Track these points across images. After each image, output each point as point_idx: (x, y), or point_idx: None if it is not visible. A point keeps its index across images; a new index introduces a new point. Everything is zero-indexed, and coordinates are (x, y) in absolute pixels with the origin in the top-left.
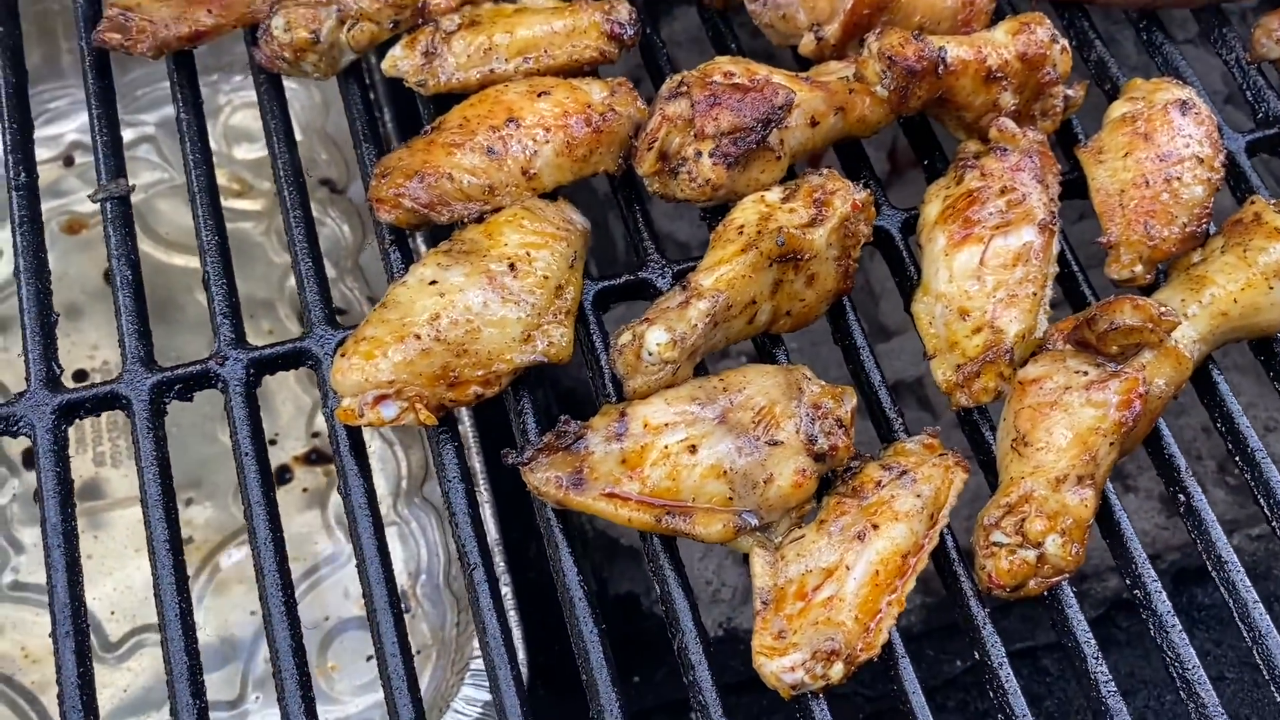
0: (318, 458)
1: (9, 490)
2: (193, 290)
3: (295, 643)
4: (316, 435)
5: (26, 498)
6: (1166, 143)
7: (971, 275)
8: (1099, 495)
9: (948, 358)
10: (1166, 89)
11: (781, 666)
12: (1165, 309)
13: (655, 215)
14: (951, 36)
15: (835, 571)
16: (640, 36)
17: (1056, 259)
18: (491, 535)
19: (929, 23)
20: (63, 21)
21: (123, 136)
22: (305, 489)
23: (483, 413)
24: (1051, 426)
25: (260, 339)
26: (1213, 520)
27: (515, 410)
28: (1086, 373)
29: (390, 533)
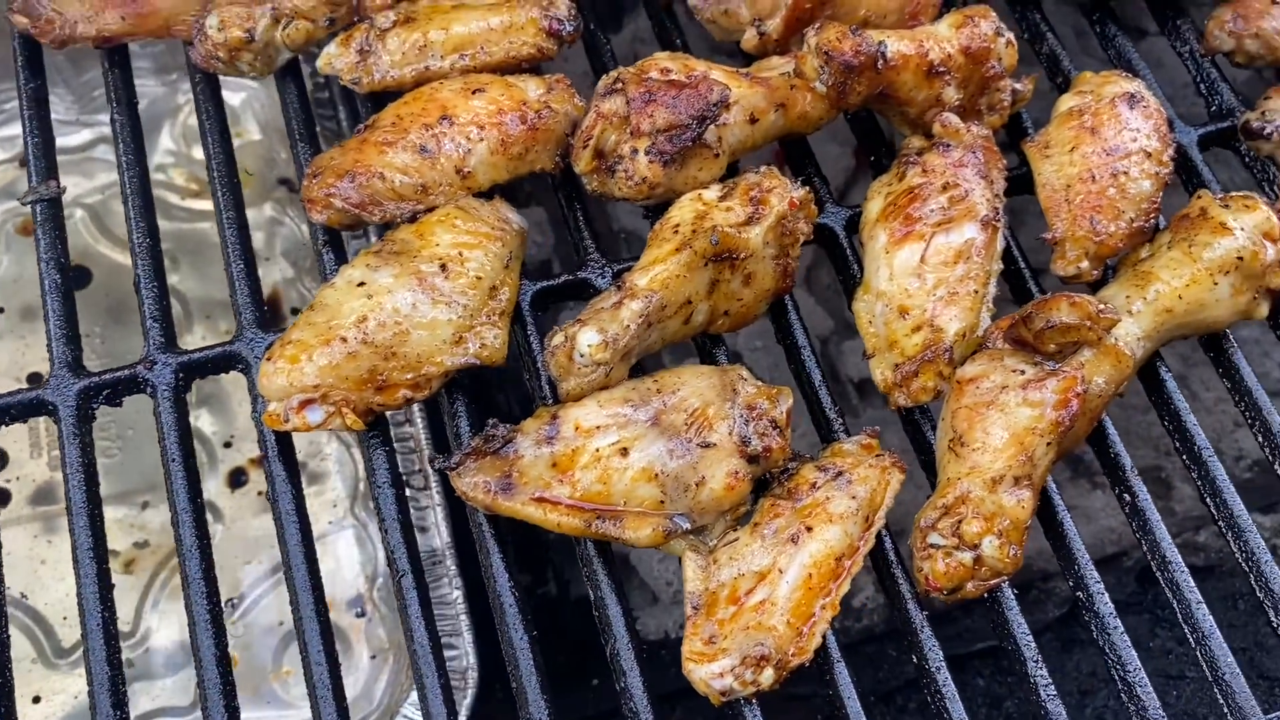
0: None
1: None
2: None
3: (220, 651)
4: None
5: None
6: (1113, 137)
7: (912, 273)
8: (1037, 496)
9: (886, 357)
10: (1115, 82)
11: (710, 673)
12: (1103, 306)
13: (618, 212)
14: (893, 31)
15: (768, 575)
16: (580, 33)
17: (1002, 256)
18: (444, 539)
19: (874, 17)
20: None
21: (54, 138)
22: (260, 492)
23: (437, 415)
24: (988, 426)
25: (218, 340)
26: (1157, 520)
27: (449, 414)
28: (1024, 371)
29: (347, 536)
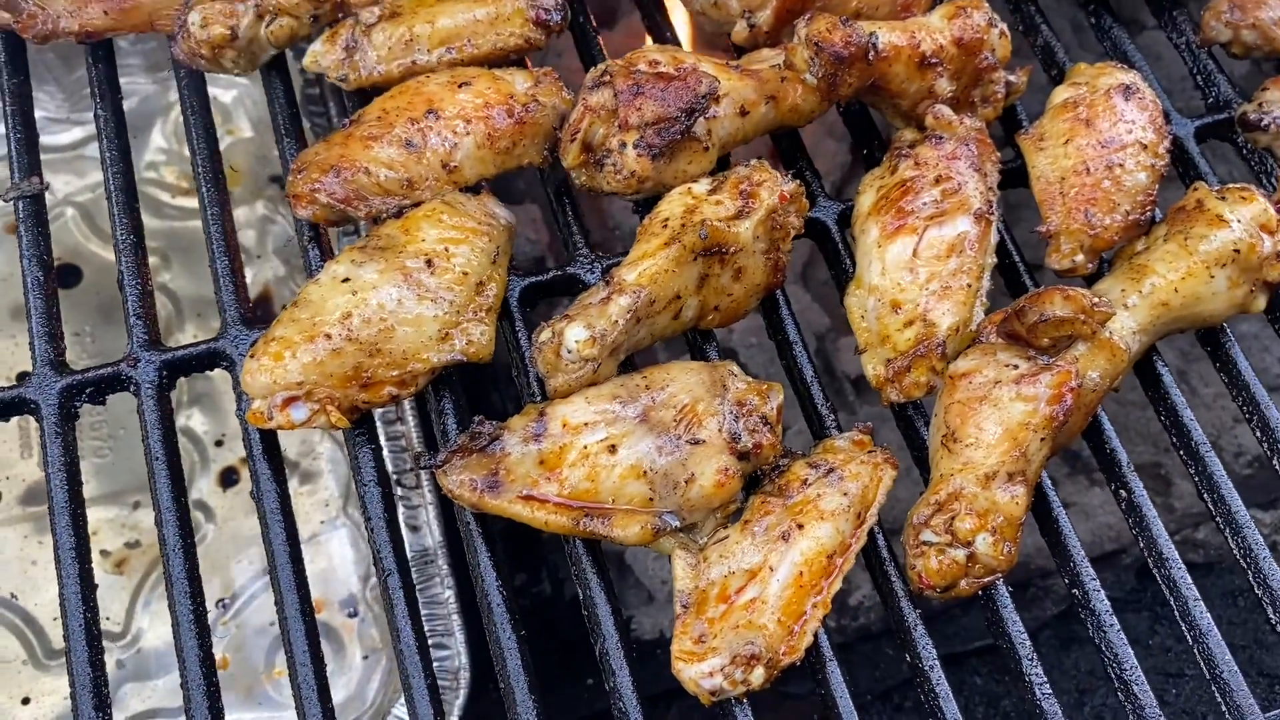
0: None
1: None
2: None
3: (204, 652)
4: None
5: None
6: (1108, 129)
7: (904, 267)
8: (1031, 492)
9: (879, 352)
10: (1110, 73)
11: (700, 672)
12: (1098, 300)
13: (614, 207)
14: (885, 22)
15: (758, 573)
16: (568, 22)
17: (996, 249)
18: (435, 538)
19: (866, 8)
20: None
21: (37, 135)
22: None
23: (429, 412)
24: (981, 422)
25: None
26: (1154, 517)
27: (436, 411)
28: (1017, 366)
29: (340, 535)
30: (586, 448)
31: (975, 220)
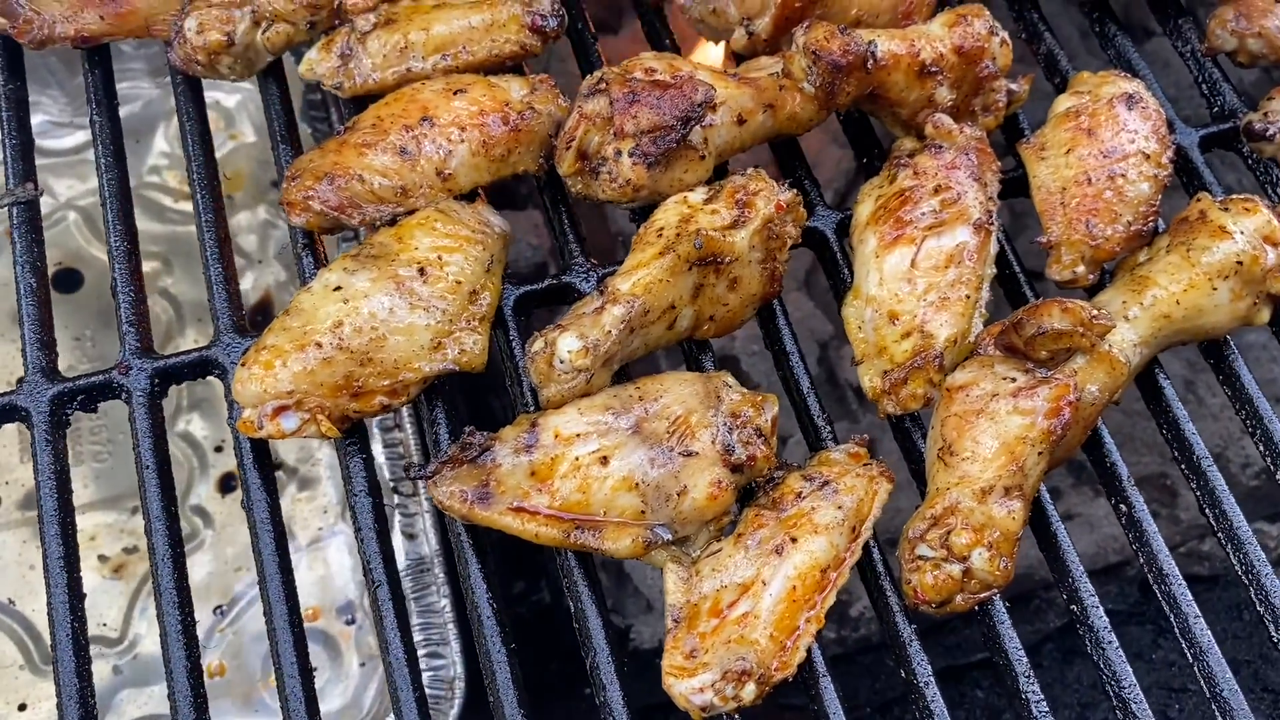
0: None
1: None
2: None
3: (192, 663)
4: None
5: None
6: (1111, 138)
7: (902, 278)
8: (1028, 507)
9: (875, 363)
10: (1113, 82)
11: (690, 688)
12: (1097, 312)
13: (617, 214)
14: (884, 30)
15: (751, 587)
16: (564, 28)
17: (996, 260)
18: (432, 546)
19: (867, 16)
20: None
21: (33, 140)
22: None
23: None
24: (978, 435)
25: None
26: (1154, 531)
27: (428, 420)
28: (1015, 379)
29: (338, 542)
30: (578, 459)
31: (974, 230)
